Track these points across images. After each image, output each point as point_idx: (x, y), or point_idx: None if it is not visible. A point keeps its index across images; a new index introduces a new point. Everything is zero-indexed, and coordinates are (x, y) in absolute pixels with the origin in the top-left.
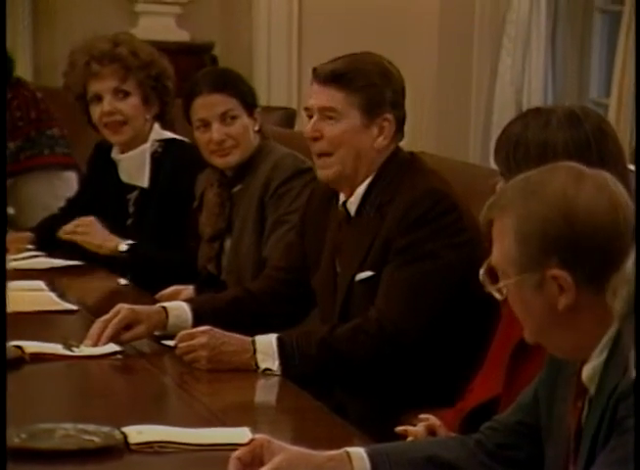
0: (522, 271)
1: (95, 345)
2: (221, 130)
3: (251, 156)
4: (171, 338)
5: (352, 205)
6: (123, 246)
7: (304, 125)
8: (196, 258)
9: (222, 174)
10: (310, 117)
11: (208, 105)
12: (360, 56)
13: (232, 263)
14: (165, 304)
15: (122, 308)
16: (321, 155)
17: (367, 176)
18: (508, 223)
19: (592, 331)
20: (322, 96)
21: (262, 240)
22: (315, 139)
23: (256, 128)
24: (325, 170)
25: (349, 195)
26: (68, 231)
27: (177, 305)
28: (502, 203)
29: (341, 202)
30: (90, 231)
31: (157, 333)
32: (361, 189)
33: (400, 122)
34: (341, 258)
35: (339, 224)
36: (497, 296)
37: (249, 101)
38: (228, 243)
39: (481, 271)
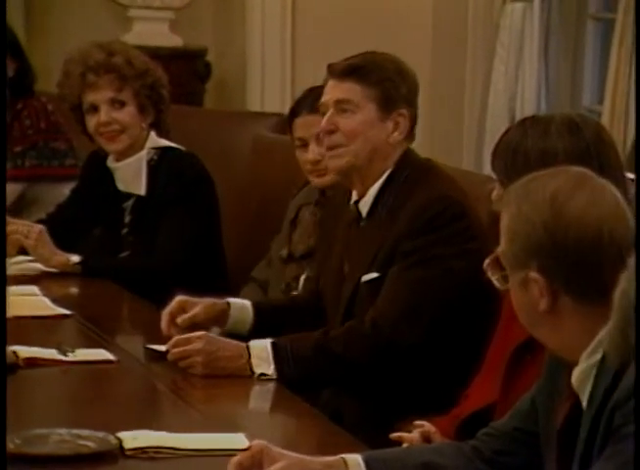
0: (511, 267)
1: (168, 334)
2: (316, 151)
3: None
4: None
5: (365, 205)
6: (75, 258)
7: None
8: (160, 263)
9: (322, 194)
10: (324, 114)
11: (306, 125)
12: (376, 54)
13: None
14: (229, 299)
15: (177, 297)
16: (333, 147)
17: (382, 174)
18: (505, 219)
19: (577, 336)
20: (338, 89)
21: None
22: (330, 132)
23: None
24: (336, 160)
25: (362, 194)
26: (19, 231)
27: (240, 301)
28: (505, 198)
29: (352, 201)
30: (41, 240)
31: (214, 332)
32: (374, 189)
33: (413, 121)
34: (349, 259)
35: (349, 224)
36: (497, 284)
37: None
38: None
39: (487, 260)
